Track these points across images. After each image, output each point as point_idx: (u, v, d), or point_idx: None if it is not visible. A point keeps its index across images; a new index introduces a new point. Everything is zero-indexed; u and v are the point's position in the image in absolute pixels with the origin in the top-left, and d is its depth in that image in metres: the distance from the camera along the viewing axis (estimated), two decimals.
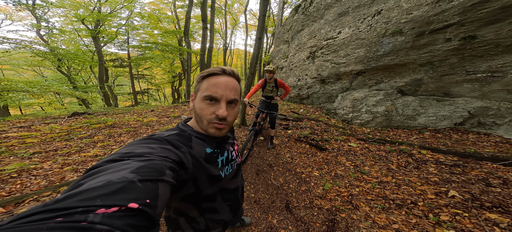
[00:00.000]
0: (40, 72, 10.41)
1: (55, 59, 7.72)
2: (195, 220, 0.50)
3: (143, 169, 0.29)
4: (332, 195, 1.86)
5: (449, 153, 2.33)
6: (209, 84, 0.46)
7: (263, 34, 3.19)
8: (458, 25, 2.58)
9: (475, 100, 2.89)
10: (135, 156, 0.32)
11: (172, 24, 11.31)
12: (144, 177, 0.27)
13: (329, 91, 4.79)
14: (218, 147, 0.52)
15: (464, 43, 2.63)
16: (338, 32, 4.44)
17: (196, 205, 0.49)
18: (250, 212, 1.63)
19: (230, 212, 0.57)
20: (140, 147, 0.35)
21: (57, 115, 4.32)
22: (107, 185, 0.24)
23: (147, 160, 0.31)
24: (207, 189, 0.47)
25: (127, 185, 0.25)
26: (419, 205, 1.63)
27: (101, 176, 0.26)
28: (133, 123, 3.92)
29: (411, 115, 3.34)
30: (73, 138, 2.99)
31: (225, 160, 0.54)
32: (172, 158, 0.36)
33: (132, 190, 0.25)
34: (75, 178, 1.93)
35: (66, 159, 2.31)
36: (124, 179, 0.25)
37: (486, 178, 1.80)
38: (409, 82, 3.48)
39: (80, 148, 2.64)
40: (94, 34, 7.51)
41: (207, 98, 0.46)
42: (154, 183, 0.28)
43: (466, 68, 2.82)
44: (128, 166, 0.28)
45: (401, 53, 3.29)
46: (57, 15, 8.92)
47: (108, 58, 10.88)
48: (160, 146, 0.37)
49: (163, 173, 0.31)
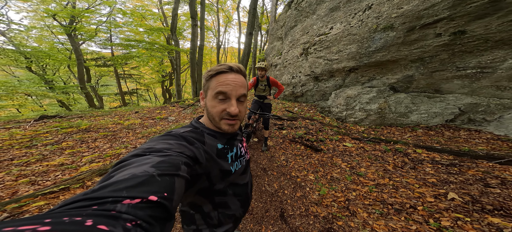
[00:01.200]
0: (10, 71, 9.49)
1: (21, 58, 6.95)
2: (209, 215, 0.52)
3: (162, 164, 0.30)
4: (329, 201, 1.75)
5: (444, 151, 2.30)
6: (218, 82, 0.47)
7: (253, 29, 3.01)
8: (448, 20, 2.55)
9: (465, 96, 2.90)
10: (156, 151, 0.34)
11: (159, 22, 10.77)
12: (162, 171, 0.29)
13: (323, 89, 4.72)
14: (228, 143, 0.54)
15: (454, 38, 2.61)
16: (330, 27, 4.35)
17: (209, 199, 0.50)
18: (242, 223, 1.49)
19: (240, 207, 0.59)
20: (159, 142, 0.38)
21: (23, 118, 3.88)
22: (132, 178, 0.26)
23: (166, 155, 0.33)
24: (219, 183, 0.49)
25: (148, 178, 0.27)
26: (418, 209, 1.56)
27: (127, 169, 0.28)
28: (112, 126, 3.59)
29: (403, 113, 3.33)
30: (36, 144, 2.65)
31: (234, 156, 0.55)
32: (187, 154, 0.38)
33: (153, 183, 0.27)
34: (31, 191, 1.67)
35: (23, 170, 2.02)
36: (146, 173, 0.27)
37: (484, 178, 1.77)
38: (401, 79, 3.46)
39: (43, 156, 2.34)
40: (69, 31, 6.82)
41: (218, 96, 0.48)
42: (171, 177, 0.30)
43: (456, 64, 2.82)
44: (149, 161, 0.30)
45: (392, 49, 3.24)
46: (24, 9, 8.09)
47: (89, 57, 10.12)
48: (177, 142, 0.40)
49: (179, 168, 0.32)
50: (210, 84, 0.49)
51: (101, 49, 10.16)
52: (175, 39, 7.37)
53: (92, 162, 2.27)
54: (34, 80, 7.96)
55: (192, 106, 5.32)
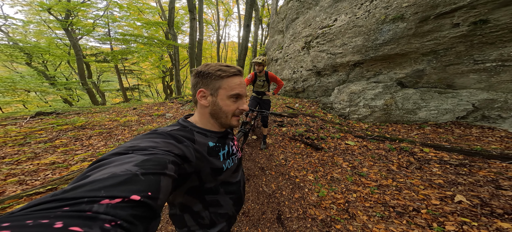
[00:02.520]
0: (12, 68, 9.62)
1: (20, 54, 6.92)
2: (200, 214, 0.51)
3: (146, 162, 0.30)
4: (328, 203, 1.69)
5: (454, 151, 2.17)
6: (234, 84, 0.50)
7: (251, 21, 2.86)
8: (468, 8, 2.32)
9: (481, 92, 2.71)
10: (139, 150, 0.33)
11: (157, 15, 10.62)
12: (147, 170, 0.28)
13: (325, 84, 4.56)
14: (219, 142, 0.54)
15: (474, 28, 2.39)
16: (334, 19, 4.14)
17: (199, 198, 0.50)
18: (237, 226, 1.46)
19: (233, 205, 0.58)
20: (144, 141, 0.36)
21: (20, 115, 3.81)
22: (111, 177, 0.25)
23: (151, 154, 0.32)
24: (210, 181, 0.49)
25: (130, 178, 0.26)
26: (422, 212, 1.48)
27: (106, 168, 0.27)
28: (108, 123, 3.55)
29: (411, 109, 3.16)
30: (30, 142, 2.59)
31: (226, 154, 0.55)
32: (175, 153, 0.37)
33: (135, 182, 0.26)
34: (18, 191, 1.63)
35: (13, 169, 1.98)
36: (128, 172, 0.26)
37: (496, 180, 1.65)
38: (410, 74, 3.26)
39: (35, 155, 2.28)
40: (65, 26, 6.68)
41: (234, 96, 0.51)
42: (156, 176, 0.29)
43: (474, 57, 2.60)
44: (132, 160, 0.29)
45: (402, 41, 3.04)
46: (18, 3, 8.02)
47: (89, 52, 10.08)
48: (164, 140, 0.38)
49: (165, 167, 0.31)
50: (222, 84, 0.50)
51: (100, 44, 10.16)
52: (173, 33, 7.24)
53: (84, 160, 2.25)
54: (35, 76, 8.00)
55: (191, 102, 5.29)
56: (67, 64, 9.73)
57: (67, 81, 8.37)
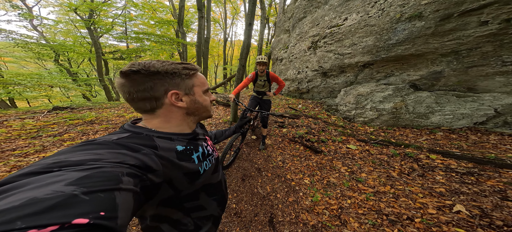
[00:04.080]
0: (42, 64, 10.59)
1: (50, 51, 7.53)
2: (181, 222, 0.48)
3: (86, 179, 0.25)
4: (321, 208, 1.72)
5: (464, 158, 2.04)
6: (202, 79, 0.53)
7: (253, 19, 2.89)
8: (501, 4, 2.11)
9: (506, 96, 2.45)
10: (71, 166, 0.26)
11: (169, 14, 11.04)
12: (90, 188, 0.24)
13: (331, 85, 4.45)
14: (189, 144, 0.50)
15: (506, 26, 2.16)
16: (344, 18, 3.99)
17: (178, 207, 0.47)
18: (228, 226, 1.56)
19: (217, 206, 0.58)
20: (76, 154, 0.30)
21: (40, 109, 3.91)
22: (30, 204, 0.19)
23: (92, 168, 0.27)
24: (187, 188, 0.45)
25: (65, 200, 0.21)
26: (416, 221, 1.44)
27: (14, 195, 0.20)
28: (114, 119, 3.59)
29: (423, 113, 2.98)
30: (41, 135, 2.64)
31: (201, 155, 0.52)
32: (130, 163, 0.32)
33: (76, 204, 0.21)
34: None
35: (20, 161, 2.01)
36: (58, 193, 0.21)
37: (504, 190, 1.54)
38: (426, 76, 3.05)
39: (43, 148, 2.33)
40: (88, 25, 7.30)
41: (207, 90, 0.55)
42: (108, 193, 0.25)
43: (503, 58, 2.36)
44: (61, 178, 0.23)
45: (418, 41, 2.85)
46: (51, 4, 8.79)
47: (107, 50, 10.73)
48: (110, 151, 0.33)
49: (119, 181, 0.27)
50: (194, 82, 0.51)
51: (118, 42, 10.85)
52: (182, 31, 7.51)
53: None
54: (61, 72, 8.71)
55: None
56: (88, 61, 10.56)
57: (87, 78, 9.12)
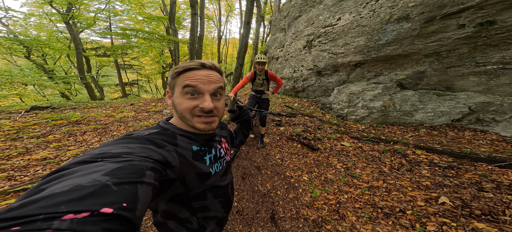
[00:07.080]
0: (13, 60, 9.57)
1: (19, 47, 6.80)
2: (187, 220, 0.50)
3: (118, 171, 0.27)
4: (320, 204, 1.80)
5: (445, 153, 2.24)
6: (186, 78, 0.44)
7: (251, 17, 2.87)
8: (476, 9, 2.30)
9: (479, 94, 2.73)
10: (111, 157, 0.30)
11: (159, 10, 10.50)
12: (120, 180, 0.26)
13: (325, 84, 4.59)
14: (204, 145, 0.51)
15: (480, 29, 2.38)
16: (338, 18, 4.10)
17: (186, 206, 0.48)
18: (230, 224, 1.57)
19: (221, 208, 0.58)
20: (117, 147, 0.33)
21: (15, 109, 3.64)
22: (75, 190, 0.22)
23: (125, 161, 0.30)
24: (197, 187, 0.47)
25: (99, 189, 0.23)
26: (407, 213, 1.57)
27: (66, 180, 0.24)
28: (103, 119, 3.48)
29: (408, 111, 3.21)
30: (22, 137, 2.52)
31: (213, 157, 0.52)
32: (154, 158, 0.35)
33: (106, 194, 0.23)
34: (6, 188, 1.56)
35: (3, 164, 1.93)
36: (96, 182, 0.24)
37: (479, 182, 1.73)
38: (411, 75, 3.28)
39: (26, 150, 2.22)
40: (66, 19, 6.65)
41: (185, 90, 0.44)
42: (133, 185, 0.27)
43: (476, 59, 2.60)
44: (101, 168, 0.26)
45: (405, 42, 3.03)
46: None
47: (89, 46, 10.02)
48: (140, 146, 0.35)
49: (142, 175, 0.29)
50: (177, 81, 0.46)
51: (101, 38, 10.11)
52: (174, 28, 7.21)
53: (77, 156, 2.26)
54: (33, 69, 7.89)
55: None
56: (66, 57, 9.71)
57: (66, 75, 8.39)
